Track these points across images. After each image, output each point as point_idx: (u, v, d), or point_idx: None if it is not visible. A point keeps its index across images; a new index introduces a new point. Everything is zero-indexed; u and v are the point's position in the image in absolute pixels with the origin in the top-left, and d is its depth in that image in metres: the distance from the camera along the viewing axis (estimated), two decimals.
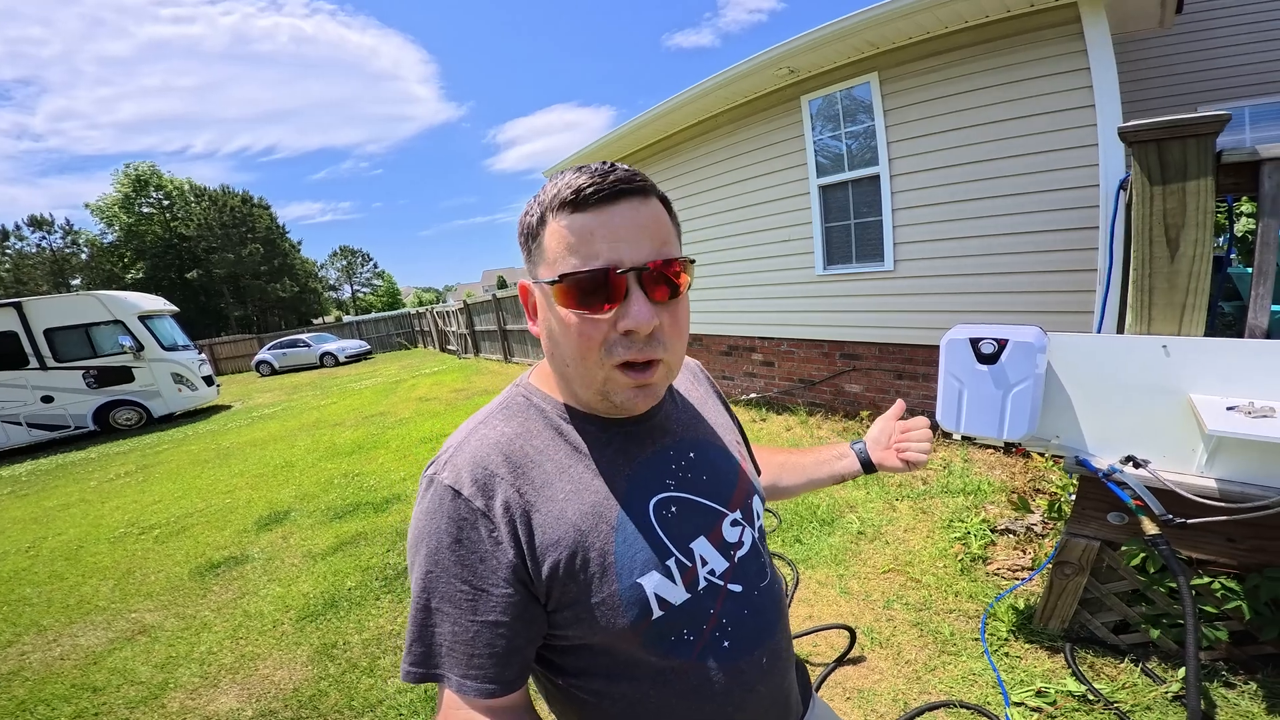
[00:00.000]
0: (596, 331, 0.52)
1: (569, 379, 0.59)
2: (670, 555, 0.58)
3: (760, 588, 0.66)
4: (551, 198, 0.52)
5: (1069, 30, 3.12)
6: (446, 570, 0.53)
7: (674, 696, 0.59)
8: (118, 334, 9.27)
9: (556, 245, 0.52)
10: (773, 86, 4.61)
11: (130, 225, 33.25)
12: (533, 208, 0.55)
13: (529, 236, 0.56)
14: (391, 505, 4.10)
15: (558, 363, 0.58)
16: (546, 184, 0.55)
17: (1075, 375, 1.63)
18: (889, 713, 1.72)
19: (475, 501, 0.54)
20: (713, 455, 0.69)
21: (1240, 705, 1.53)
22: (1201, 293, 1.48)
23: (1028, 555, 2.42)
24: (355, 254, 58.11)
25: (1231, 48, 5.20)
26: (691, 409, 0.73)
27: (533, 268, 0.57)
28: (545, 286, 0.53)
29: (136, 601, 3.10)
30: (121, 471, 6.49)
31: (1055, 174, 3.27)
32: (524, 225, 0.56)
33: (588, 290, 0.51)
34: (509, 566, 0.53)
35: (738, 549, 0.65)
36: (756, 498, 0.71)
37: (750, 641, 0.63)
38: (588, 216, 0.50)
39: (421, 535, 0.55)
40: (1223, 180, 1.51)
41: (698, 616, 0.60)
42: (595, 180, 0.50)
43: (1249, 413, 1.31)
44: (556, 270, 0.52)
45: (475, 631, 0.52)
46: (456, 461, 0.57)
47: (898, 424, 0.95)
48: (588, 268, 0.50)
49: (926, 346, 4.06)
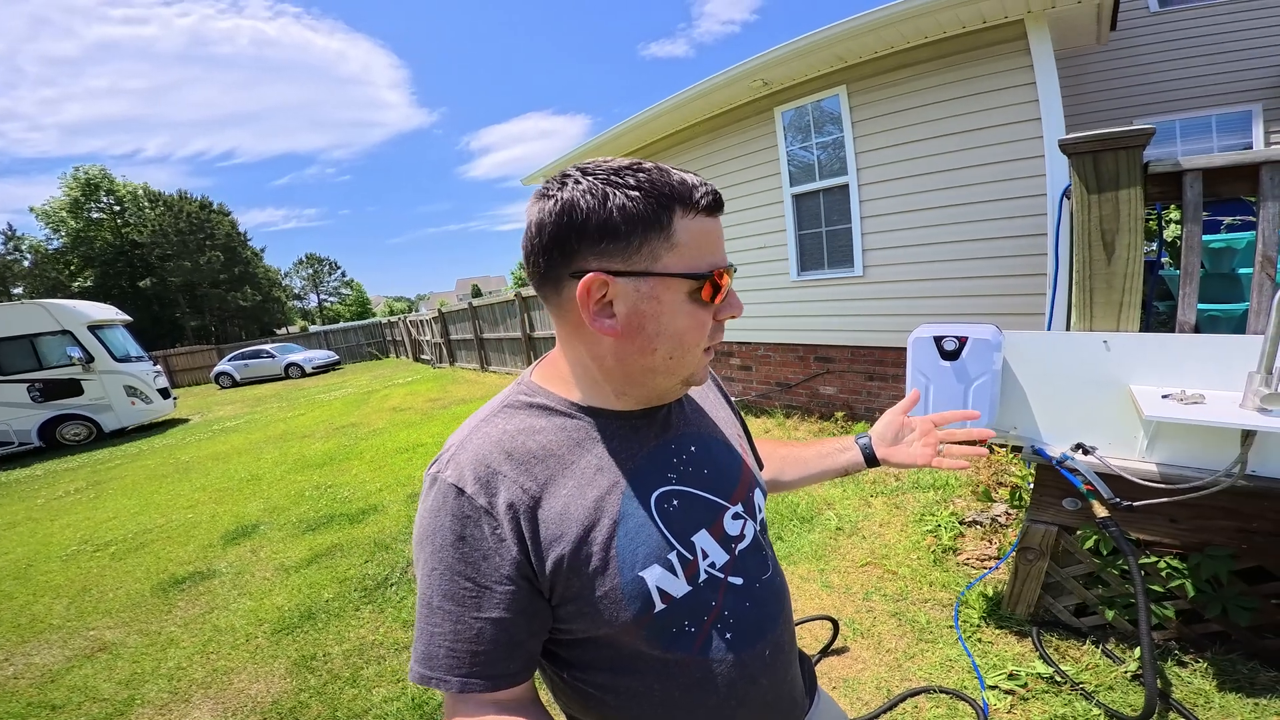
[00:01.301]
0: (707, 320, 0.58)
1: (658, 372, 0.59)
2: (672, 549, 0.59)
3: (762, 580, 0.67)
4: (680, 195, 0.53)
5: (1016, 46, 3.35)
6: (450, 568, 0.54)
7: (677, 689, 0.60)
8: (66, 345, 8.77)
9: (696, 241, 0.55)
10: (747, 98, 4.77)
11: (78, 231, 31.51)
12: (635, 198, 0.52)
13: (642, 227, 0.52)
14: (368, 516, 4.00)
15: (655, 356, 0.57)
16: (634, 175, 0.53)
17: (1028, 370, 1.75)
18: (873, 700, 1.78)
19: (478, 499, 0.54)
20: (715, 449, 0.70)
21: (1193, 684, 1.63)
22: (1135, 291, 1.62)
23: (994, 544, 2.55)
24: (322, 262, 56.49)
25: (1164, 64, 5.64)
26: (694, 403, 0.74)
27: (645, 260, 0.53)
28: (678, 280, 0.54)
29: (94, 619, 2.95)
30: (71, 488, 6.14)
31: (1008, 183, 3.49)
32: (626, 212, 0.52)
33: (716, 285, 0.56)
34: (512, 563, 0.54)
35: (739, 542, 0.66)
36: (758, 491, 0.72)
37: (752, 634, 0.64)
38: (713, 222, 0.57)
39: (425, 534, 0.56)
40: (1151, 189, 1.66)
41: (699, 609, 0.60)
42: (714, 192, 0.56)
43: (1182, 400, 1.44)
44: (698, 265, 0.55)
45: (479, 629, 0.53)
46: (459, 459, 0.57)
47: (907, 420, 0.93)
48: (718, 266, 0.56)
49: (895, 349, 4.23)
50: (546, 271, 0.56)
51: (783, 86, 4.52)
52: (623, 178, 0.53)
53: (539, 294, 0.60)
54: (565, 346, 0.62)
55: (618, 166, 0.54)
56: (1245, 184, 1.61)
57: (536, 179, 7.18)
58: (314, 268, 56.16)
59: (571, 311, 0.56)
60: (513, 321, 10.27)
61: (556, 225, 0.53)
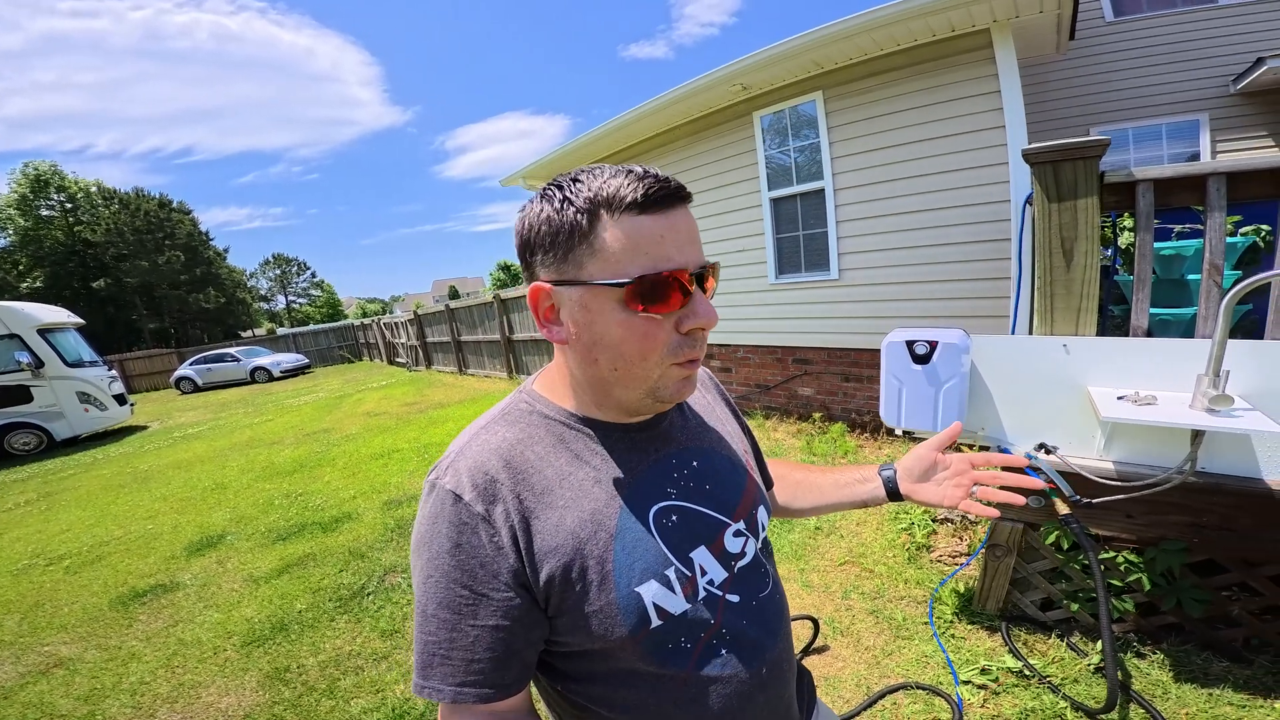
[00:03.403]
0: (661, 332, 0.53)
1: (608, 383, 0.57)
2: (670, 565, 0.58)
3: (760, 598, 0.66)
4: (606, 197, 0.50)
5: (982, 55, 3.47)
6: (447, 575, 0.53)
7: (672, 705, 0.59)
8: (13, 350, 8.31)
9: (623, 245, 0.50)
10: (727, 102, 4.82)
11: (27, 229, 29.84)
12: (565, 207, 0.51)
13: (569, 235, 0.51)
14: (342, 524, 3.89)
15: (599, 367, 0.56)
16: (577, 183, 0.52)
17: (994, 372, 1.82)
18: (854, 697, 1.82)
19: (476, 506, 0.54)
20: (718, 464, 0.68)
21: (1151, 675, 1.70)
22: (1093, 297, 1.70)
23: (965, 541, 2.64)
24: (290, 262, 54.72)
25: (1118, 73, 5.91)
26: (698, 417, 0.73)
27: (572, 269, 0.52)
28: (601, 288, 0.51)
29: (48, 634, 2.80)
30: (20, 500, 5.80)
31: (975, 189, 3.61)
32: (560, 223, 0.52)
33: (662, 292, 0.51)
34: (510, 571, 0.53)
35: (739, 560, 0.65)
36: (763, 509, 0.71)
37: (749, 653, 0.63)
38: (654, 219, 0.51)
39: (422, 540, 0.55)
40: (1107, 198, 1.74)
41: (696, 627, 0.60)
42: (658, 183, 0.51)
43: (1135, 401, 1.52)
44: (625, 271, 0.50)
45: (475, 636, 0.53)
46: (458, 466, 0.57)
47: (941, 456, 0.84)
48: (661, 269, 0.50)
49: (870, 350, 4.33)
50: (527, 281, 0.58)
51: (761, 91, 4.59)
52: (561, 187, 0.53)
53: None
54: (556, 356, 0.64)
55: (572, 175, 0.54)
56: (1193, 194, 1.70)
57: (515, 180, 7.11)
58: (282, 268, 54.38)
59: None
60: (491, 324, 10.14)
61: (519, 237, 0.57)
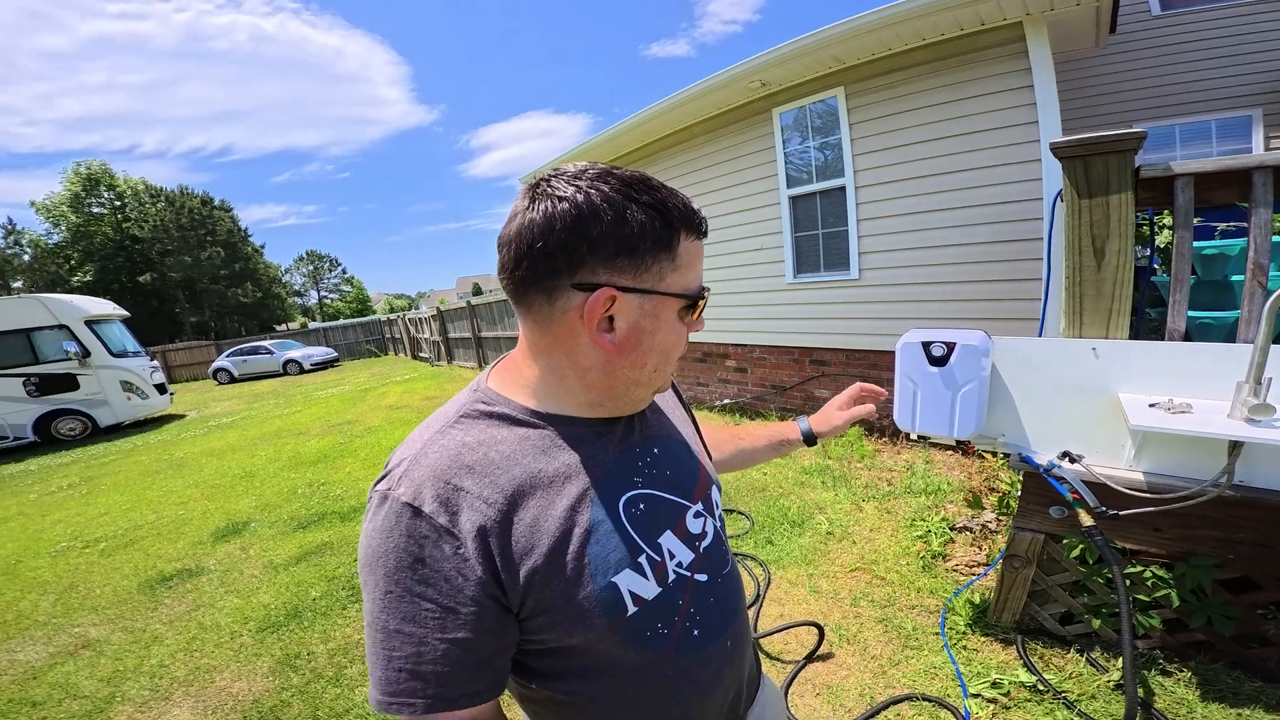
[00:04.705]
0: (686, 336, 0.61)
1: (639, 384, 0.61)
2: (641, 552, 0.59)
3: (723, 575, 0.69)
4: (685, 217, 0.56)
5: (1014, 49, 3.33)
6: (409, 591, 0.51)
7: (649, 689, 0.60)
8: (62, 339, 8.74)
9: (690, 263, 0.57)
10: (745, 99, 4.75)
11: (79, 226, 31.46)
12: (648, 216, 0.52)
13: (657, 245, 0.53)
14: (359, 514, 3.99)
15: (643, 371, 0.59)
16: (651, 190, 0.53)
17: (1016, 376, 1.74)
18: (856, 707, 1.77)
19: (438, 518, 0.51)
20: (675, 449, 0.71)
21: (1176, 693, 1.62)
22: (1125, 299, 1.60)
23: (983, 551, 2.53)
24: (323, 259, 56.51)
25: (1163, 68, 5.60)
26: (654, 405, 0.74)
27: (653, 279, 0.54)
28: (675, 300, 0.57)
29: (80, 616, 2.93)
30: (64, 484, 6.12)
31: (1004, 187, 3.47)
32: (643, 229, 0.52)
33: (698, 307, 0.60)
34: (478, 583, 0.51)
35: (702, 540, 0.67)
36: (715, 488, 0.74)
37: (717, 629, 0.65)
38: (699, 244, 0.59)
39: (377, 556, 0.52)
40: (1142, 194, 1.64)
41: (669, 609, 0.61)
42: (704, 216, 0.59)
43: (1169, 409, 1.43)
44: (692, 285, 0.58)
45: (444, 650, 0.51)
46: (414, 476, 0.53)
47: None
48: (701, 288, 0.59)
49: (890, 352, 4.19)
50: (540, 278, 0.53)
51: (781, 87, 4.51)
52: (638, 192, 0.52)
53: (515, 298, 0.56)
54: (540, 355, 0.59)
55: (628, 177, 0.53)
56: (1237, 189, 1.60)
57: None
58: (315, 264, 56.16)
59: (562, 323, 0.54)
60: (511, 320, 10.27)
61: (567, 232, 0.50)
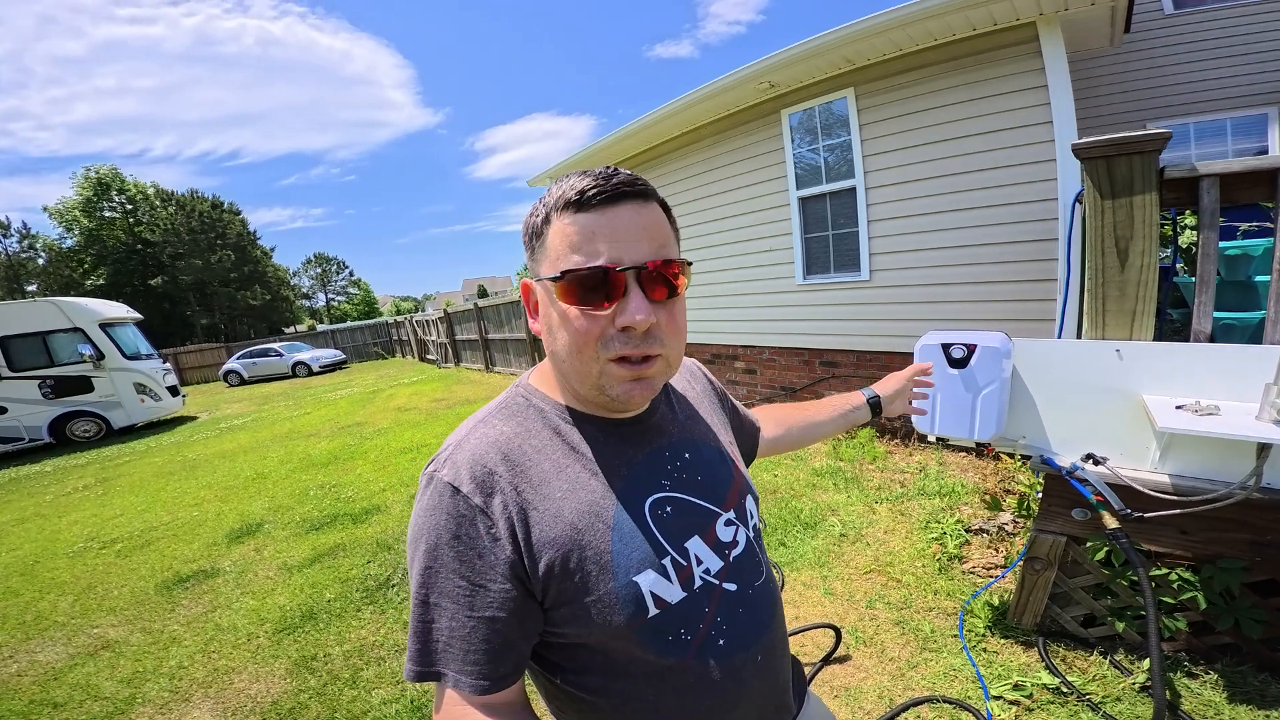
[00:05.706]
0: (594, 326, 0.54)
1: (567, 375, 0.61)
2: (666, 554, 0.60)
3: (755, 586, 0.67)
4: (556, 199, 0.55)
5: (1028, 49, 3.31)
6: (445, 566, 0.54)
7: (670, 693, 0.60)
8: (77, 342, 8.87)
9: (559, 243, 0.54)
10: (754, 100, 4.74)
11: (91, 230, 31.86)
12: (538, 209, 0.58)
13: (533, 236, 0.58)
14: (371, 516, 4.01)
15: (556, 359, 0.60)
16: (551, 187, 0.57)
17: (1038, 378, 1.72)
18: (875, 709, 1.76)
19: (474, 498, 0.55)
20: (707, 455, 0.71)
21: (1203, 695, 1.60)
22: (1150, 300, 1.58)
23: (1000, 553, 2.51)
24: (330, 261, 56.87)
25: (1178, 66, 5.54)
26: (689, 408, 0.75)
27: (535, 266, 0.59)
28: (547, 283, 0.56)
29: (99, 617, 2.96)
30: (80, 485, 6.19)
31: (1018, 187, 3.44)
32: (528, 225, 0.59)
33: (588, 287, 0.53)
34: (506, 563, 0.54)
35: (732, 548, 0.66)
36: (750, 497, 0.73)
37: (746, 639, 0.64)
38: (590, 216, 0.53)
39: (421, 531, 0.56)
40: (1166, 195, 1.63)
41: (694, 615, 0.60)
42: (598, 183, 0.53)
43: (1196, 411, 1.41)
44: (559, 267, 0.54)
45: (472, 627, 0.53)
46: (456, 459, 0.58)
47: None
48: (589, 265, 0.53)
49: (902, 354, 4.18)
50: None
51: (790, 89, 4.50)
52: (558, 185, 0.57)
53: None
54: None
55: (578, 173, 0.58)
56: (1262, 189, 1.58)
57: (542, 180, 7.19)
58: (322, 267, 56.55)
59: None
60: (518, 322, 10.27)
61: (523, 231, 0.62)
